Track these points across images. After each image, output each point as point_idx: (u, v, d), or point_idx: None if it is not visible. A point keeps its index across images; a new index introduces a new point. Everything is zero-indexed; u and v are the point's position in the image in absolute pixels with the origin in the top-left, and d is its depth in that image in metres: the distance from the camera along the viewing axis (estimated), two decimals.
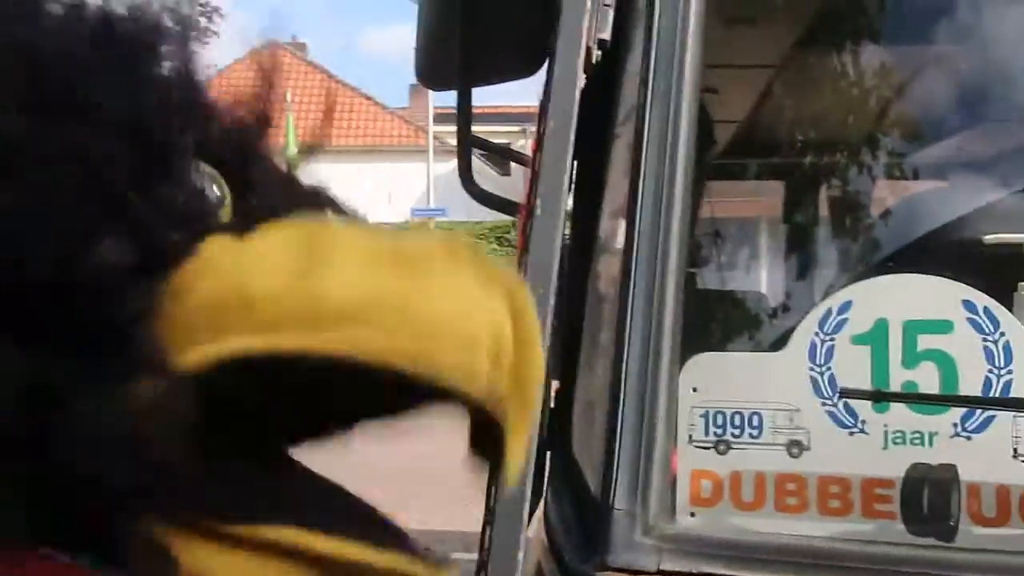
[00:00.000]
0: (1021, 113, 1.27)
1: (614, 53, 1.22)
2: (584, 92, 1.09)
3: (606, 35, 1.11)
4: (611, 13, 1.12)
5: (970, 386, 0.98)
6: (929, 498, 0.96)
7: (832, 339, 1.03)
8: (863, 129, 1.40)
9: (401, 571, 0.48)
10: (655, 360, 1.05)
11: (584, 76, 1.05)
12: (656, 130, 1.13)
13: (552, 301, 0.97)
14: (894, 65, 1.62)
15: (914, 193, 1.16)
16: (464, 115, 1.84)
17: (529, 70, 1.90)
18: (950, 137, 1.24)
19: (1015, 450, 0.95)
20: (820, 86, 1.68)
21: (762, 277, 1.38)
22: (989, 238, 1.09)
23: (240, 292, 0.44)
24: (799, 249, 1.40)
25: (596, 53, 1.11)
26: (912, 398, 0.96)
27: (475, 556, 1.04)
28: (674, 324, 1.06)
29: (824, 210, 1.37)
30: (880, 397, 0.97)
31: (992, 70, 1.40)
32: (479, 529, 1.02)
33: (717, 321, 1.15)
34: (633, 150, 1.15)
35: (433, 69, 1.99)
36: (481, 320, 0.46)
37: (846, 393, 0.98)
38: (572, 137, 1.02)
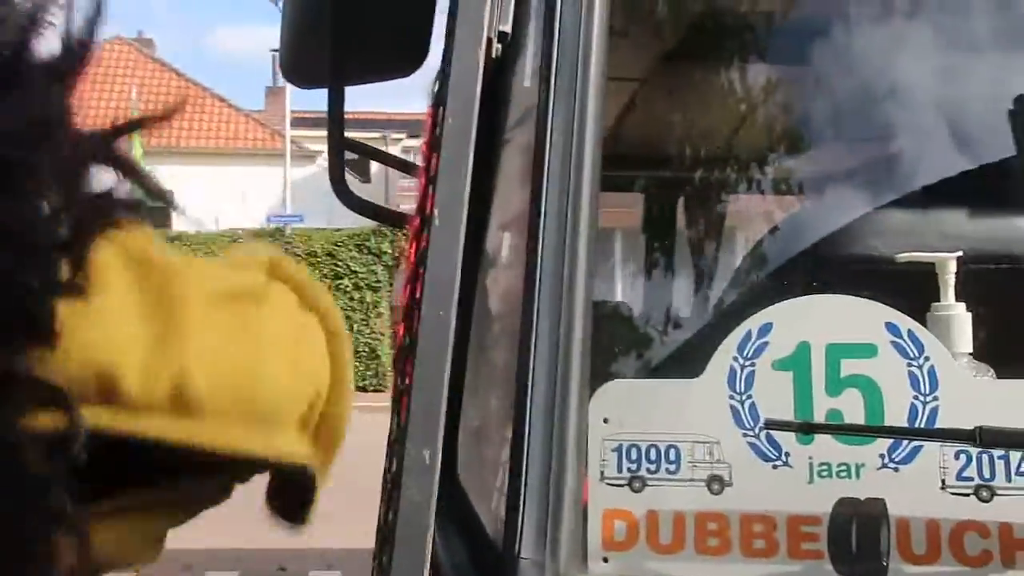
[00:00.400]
0: (916, 131, 1.24)
1: (510, 47, 1.12)
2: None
3: (507, 27, 1.01)
4: (512, 3, 1.02)
5: (895, 414, 0.92)
6: (858, 535, 0.90)
7: (752, 364, 0.95)
8: (755, 144, 1.35)
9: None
10: (563, 389, 0.94)
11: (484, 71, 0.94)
12: (559, 133, 1.03)
13: (453, 321, 0.85)
14: (780, 82, 1.59)
15: (823, 210, 1.11)
16: (336, 116, 1.69)
17: (408, 68, 1.77)
18: (854, 154, 1.21)
19: (943, 481, 0.90)
20: (703, 99, 1.63)
21: (664, 295, 1.31)
22: (902, 257, 1.05)
23: (100, 371, 0.45)
24: (707, 267, 1.34)
25: (496, 47, 1.00)
26: (843, 430, 0.90)
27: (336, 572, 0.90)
28: (583, 349, 0.96)
29: (724, 227, 1.31)
30: (809, 429, 0.90)
31: (882, 85, 1.38)
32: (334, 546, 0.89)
33: (627, 345, 1.06)
34: (535, 155, 1.04)
35: (301, 66, 1.83)
36: (307, 392, 0.53)
37: (772, 425, 0.90)
38: (473, 138, 0.91)
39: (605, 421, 0.97)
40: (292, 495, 0.55)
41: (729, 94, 1.66)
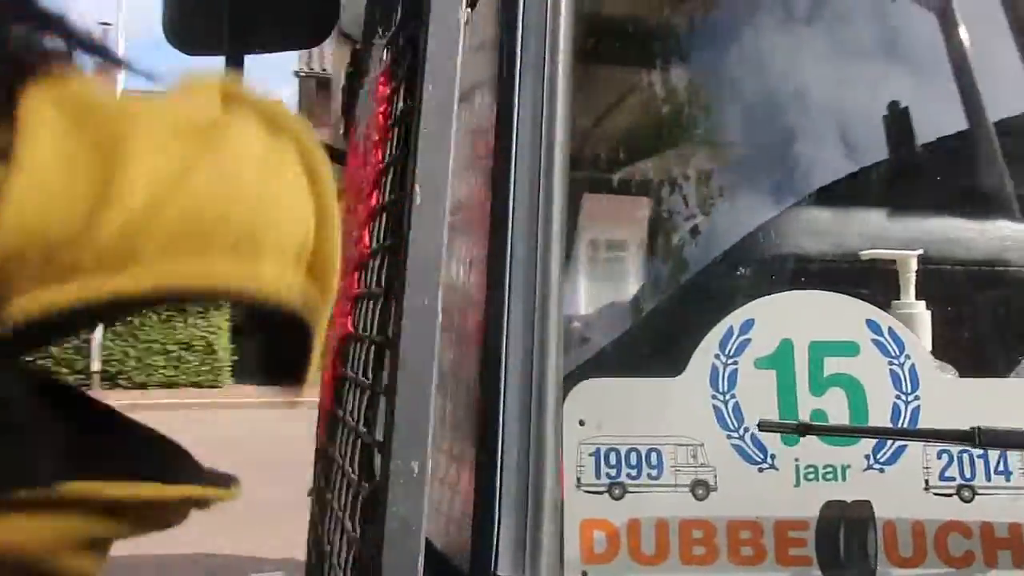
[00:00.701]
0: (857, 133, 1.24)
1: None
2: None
3: None
4: None
5: (879, 414, 0.90)
6: (846, 540, 0.87)
7: (735, 363, 0.91)
8: (722, 140, 1.31)
9: (195, 499, 0.48)
10: (540, 388, 0.87)
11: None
12: (528, 110, 0.95)
13: (439, 310, 0.75)
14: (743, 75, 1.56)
15: (788, 208, 1.08)
16: None
17: (316, 37, 1.64)
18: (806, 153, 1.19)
19: (926, 482, 0.89)
20: (664, 93, 1.58)
21: (642, 290, 1.24)
22: (865, 253, 1.03)
23: (35, 239, 0.39)
24: (677, 261, 1.28)
25: (466, 11, 0.91)
26: (840, 432, 0.87)
27: None
28: (558, 344, 0.89)
29: (696, 220, 1.26)
30: (805, 431, 0.86)
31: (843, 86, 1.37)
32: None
33: (602, 341, 1.00)
34: (498, 139, 0.96)
35: (190, 30, 1.65)
36: (287, 217, 0.46)
37: (766, 426, 0.86)
38: (456, 108, 0.81)
39: (581, 423, 0.90)
40: (289, 344, 0.48)
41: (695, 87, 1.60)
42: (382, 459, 0.73)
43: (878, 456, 0.90)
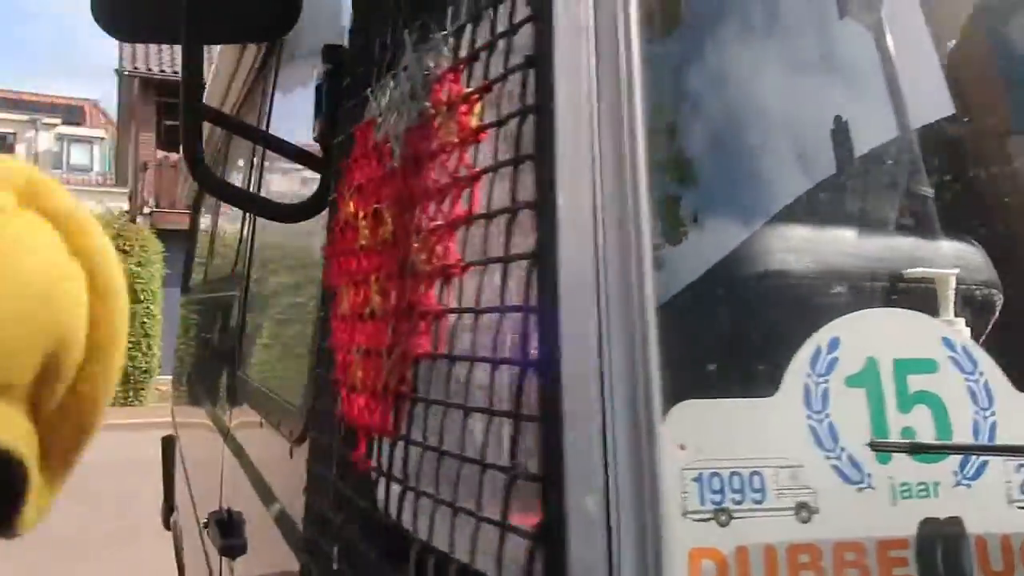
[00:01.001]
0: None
1: None
2: None
3: None
4: None
5: (960, 430, 0.92)
6: (943, 557, 0.87)
7: (826, 381, 0.90)
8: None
9: None
10: (647, 413, 0.81)
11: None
12: (608, 103, 0.89)
13: (596, 332, 0.69)
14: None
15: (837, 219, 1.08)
16: (193, 78, 1.39)
17: (280, 29, 1.52)
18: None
19: (1008, 495, 0.91)
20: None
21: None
22: (910, 272, 1.05)
23: None
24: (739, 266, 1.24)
25: None
26: (950, 449, 0.87)
27: None
28: (657, 361, 0.84)
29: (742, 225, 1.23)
30: (915, 449, 0.86)
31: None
32: None
33: (695, 359, 0.95)
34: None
35: (130, 14, 1.48)
36: (34, 340, 0.43)
37: (879, 446, 0.85)
38: (594, 100, 0.75)
39: (682, 447, 0.86)
40: None
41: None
42: (549, 497, 0.66)
43: (964, 471, 0.91)
